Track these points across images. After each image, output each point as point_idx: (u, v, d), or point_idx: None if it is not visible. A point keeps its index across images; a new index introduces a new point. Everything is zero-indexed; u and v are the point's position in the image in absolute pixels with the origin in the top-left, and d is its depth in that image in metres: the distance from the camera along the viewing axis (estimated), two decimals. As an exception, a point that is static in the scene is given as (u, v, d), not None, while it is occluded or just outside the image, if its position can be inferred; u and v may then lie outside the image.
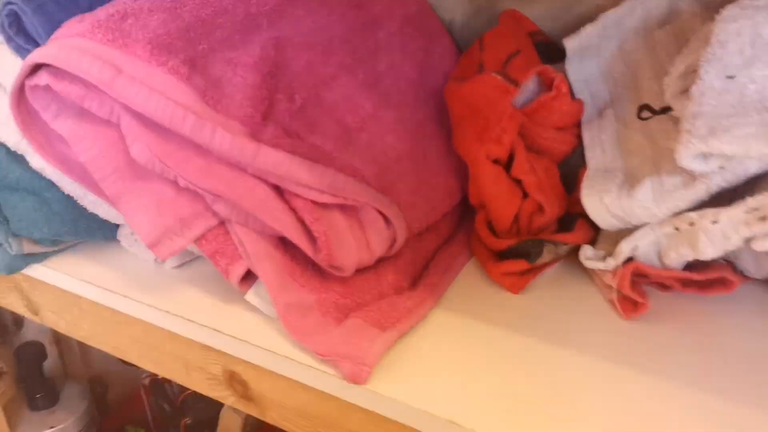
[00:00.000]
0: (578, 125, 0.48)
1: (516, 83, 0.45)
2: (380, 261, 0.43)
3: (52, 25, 0.43)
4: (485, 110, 0.45)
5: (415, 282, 0.44)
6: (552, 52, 0.56)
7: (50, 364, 0.88)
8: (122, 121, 0.38)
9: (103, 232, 0.50)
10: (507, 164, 0.45)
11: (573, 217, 0.46)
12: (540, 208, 0.45)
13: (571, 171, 0.47)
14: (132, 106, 0.36)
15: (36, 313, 0.54)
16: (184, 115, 0.36)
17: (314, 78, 0.45)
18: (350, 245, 0.40)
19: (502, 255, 0.44)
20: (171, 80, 0.37)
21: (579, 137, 0.48)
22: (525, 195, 0.45)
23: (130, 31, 0.38)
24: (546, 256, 0.43)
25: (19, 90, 0.39)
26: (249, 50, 0.42)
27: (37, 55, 0.37)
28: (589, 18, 0.56)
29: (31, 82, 0.39)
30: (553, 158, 0.47)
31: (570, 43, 0.52)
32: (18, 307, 0.55)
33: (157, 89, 0.36)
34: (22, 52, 0.45)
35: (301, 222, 0.39)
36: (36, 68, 0.39)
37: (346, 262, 0.40)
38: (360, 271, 0.42)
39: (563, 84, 0.45)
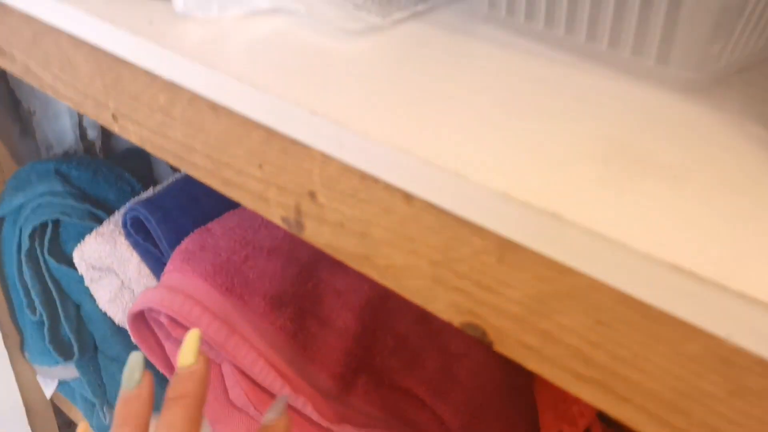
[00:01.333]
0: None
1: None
2: None
3: (176, 232, 0.46)
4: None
5: None
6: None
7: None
8: (224, 367, 0.40)
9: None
10: None
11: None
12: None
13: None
14: (238, 365, 0.38)
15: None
16: (282, 384, 0.37)
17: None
18: None
19: None
20: (278, 339, 0.39)
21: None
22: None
23: (250, 279, 0.40)
24: None
25: (136, 314, 0.42)
26: (357, 284, 0.44)
27: (155, 301, 0.40)
28: None
29: (149, 314, 0.41)
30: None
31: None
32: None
33: (264, 353, 0.38)
34: (139, 248, 0.48)
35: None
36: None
37: None
38: None
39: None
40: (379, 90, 0.25)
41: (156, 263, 0.48)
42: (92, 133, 0.68)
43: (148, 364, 0.46)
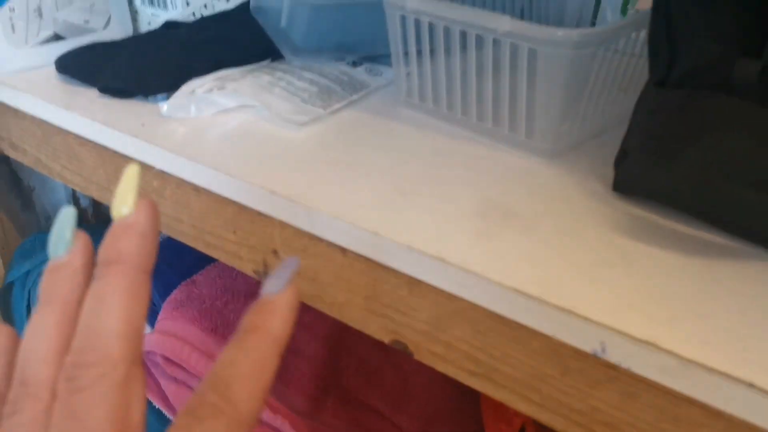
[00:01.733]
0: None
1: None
2: None
3: (165, 285, 0.54)
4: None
5: None
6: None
7: None
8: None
9: None
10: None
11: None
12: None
13: None
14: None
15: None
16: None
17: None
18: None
19: None
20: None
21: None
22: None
23: (230, 320, 0.48)
24: None
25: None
26: (320, 317, 0.52)
27: (151, 344, 0.48)
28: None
29: (146, 356, 0.49)
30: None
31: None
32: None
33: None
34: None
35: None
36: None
37: None
38: None
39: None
40: (319, 170, 0.34)
41: (149, 313, 0.55)
42: (84, 202, 0.75)
43: (152, 412, 0.53)
